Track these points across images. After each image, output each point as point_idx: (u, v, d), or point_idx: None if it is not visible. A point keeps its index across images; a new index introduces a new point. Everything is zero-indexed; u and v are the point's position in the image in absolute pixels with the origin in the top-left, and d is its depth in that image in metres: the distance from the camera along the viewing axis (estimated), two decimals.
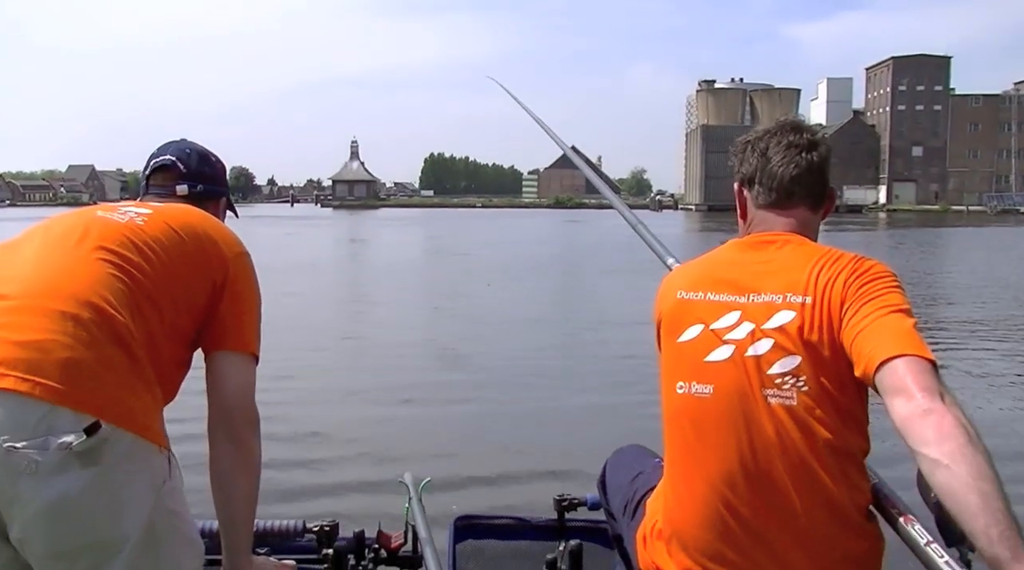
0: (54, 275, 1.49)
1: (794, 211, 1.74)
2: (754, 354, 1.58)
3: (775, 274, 1.64)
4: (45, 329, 1.39)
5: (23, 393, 1.33)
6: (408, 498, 2.35)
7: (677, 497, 1.67)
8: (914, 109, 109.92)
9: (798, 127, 1.79)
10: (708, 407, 1.61)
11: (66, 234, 1.59)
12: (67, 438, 1.33)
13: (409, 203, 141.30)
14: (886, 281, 1.56)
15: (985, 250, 33.65)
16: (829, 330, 1.53)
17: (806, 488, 1.55)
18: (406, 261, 27.30)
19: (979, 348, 11.08)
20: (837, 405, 1.54)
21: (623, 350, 10.05)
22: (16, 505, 1.34)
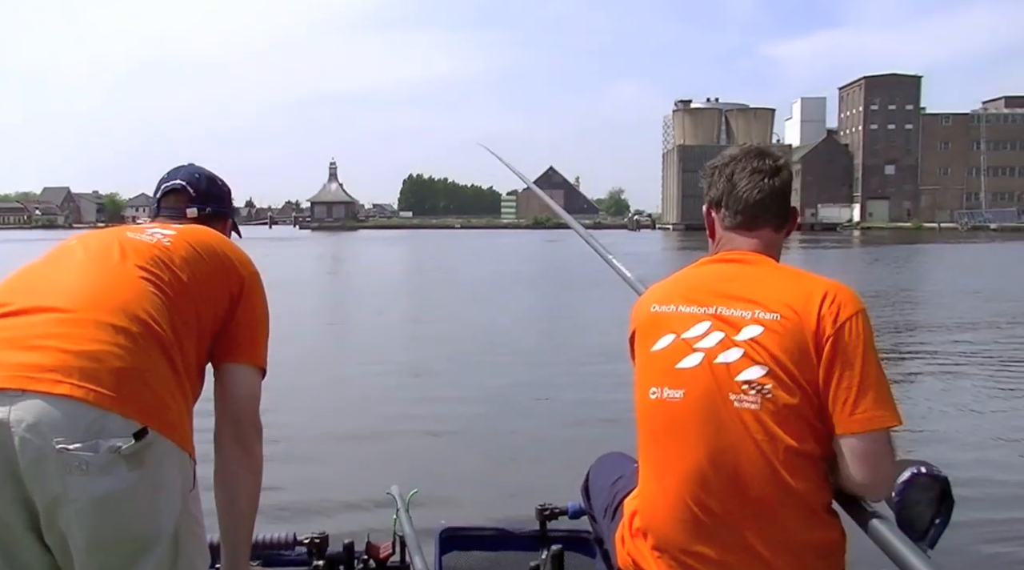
0: (103, 290, 1.60)
1: (759, 232, 1.87)
2: (723, 361, 1.70)
3: (744, 290, 1.76)
4: (98, 340, 1.50)
5: (78, 399, 1.44)
6: (396, 509, 2.43)
7: (651, 495, 1.77)
8: (886, 128, 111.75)
9: (762, 153, 1.91)
10: (679, 410, 1.72)
11: (106, 251, 1.71)
12: (116, 441, 1.43)
13: (388, 224, 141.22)
14: (862, 336, 1.67)
15: (959, 266, 34.17)
16: (799, 350, 1.66)
17: (771, 486, 1.65)
18: (386, 281, 27.35)
19: (966, 359, 11.36)
20: (799, 413, 1.66)
21: (605, 362, 10.15)
22: (63, 502, 1.43)
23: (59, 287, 1.62)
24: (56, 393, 1.43)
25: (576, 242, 2.93)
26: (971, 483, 5.51)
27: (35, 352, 1.48)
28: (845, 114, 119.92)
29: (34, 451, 1.41)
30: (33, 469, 1.42)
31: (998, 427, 7.85)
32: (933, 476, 1.77)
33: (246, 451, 1.76)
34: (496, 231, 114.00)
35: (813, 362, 1.66)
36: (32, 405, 1.42)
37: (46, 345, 1.49)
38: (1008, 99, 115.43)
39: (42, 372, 1.45)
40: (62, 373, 1.45)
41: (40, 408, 1.42)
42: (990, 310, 17.25)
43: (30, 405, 1.42)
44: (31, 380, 1.44)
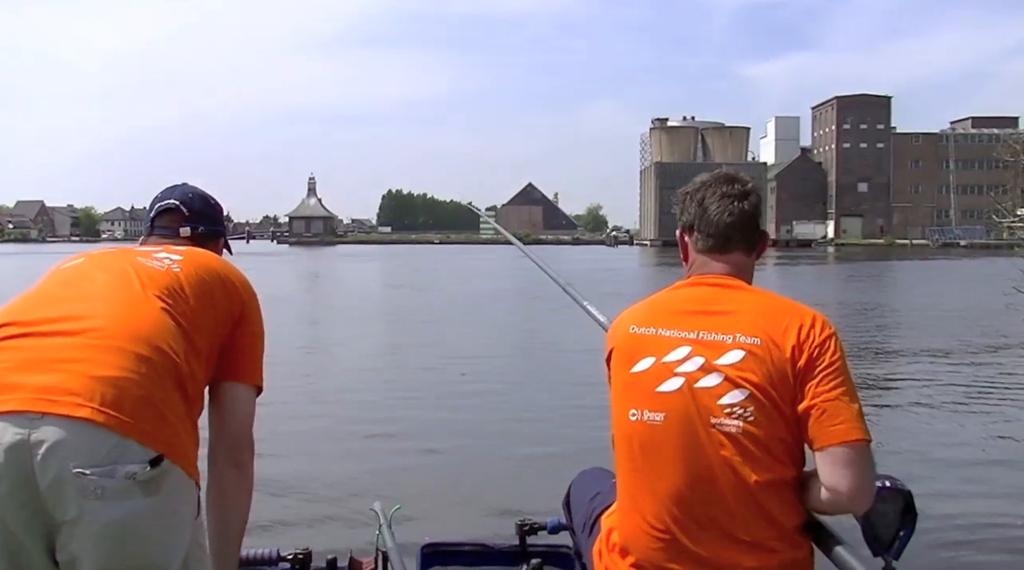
0: (127, 318, 1.62)
1: (731, 255, 1.94)
2: (704, 386, 1.76)
3: (723, 315, 1.83)
4: (121, 367, 1.53)
5: (98, 423, 1.45)
6: (379, 525, 2.47)
7: (628, 513, 1.84)
8: (859, 146, 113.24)
9: (731, 179, 1.98)
10: (658, 432, 1.79)
11: (125, 278, 1.73)
12: (133, 467, 1.45)
13: (367, 239, 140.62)
14: (835, 354, 1.76)
15: (931, 281, 34.66)
16: (778, 374, 1.73)
17: (745, 506, 1.73)
18: (367, 296, 27.28)
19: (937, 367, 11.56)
20: (778, 437, 1.74)
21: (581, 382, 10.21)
22: (78, 525, 1.44)
23: (83, 311, 1.63)
24: (76, 416, 1.45)
25: (553, 257, 3.01)
26: (933, 497, 5.66)
27: (57, 374, 1.50)
28: (818, 133, 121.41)
29: (53, 474, 1.43)
30: (51, 492, 1.43)
31: (963, 443, 8.02)
32: (897, 490, 1.85)
33: (241, 473, 1.79)
34: (475, 246, 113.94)
35: (791, 385, 1.73)
36: (52, 429, 1.44)
37: (68, 369, 1.51)
38: (975, 119, 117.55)
39: (64, 395, 1.47)
40: (84, 397, 1.47)
41: (60, 432, 1.44)
42: (960, 325, 17.55)
43: (50, 429, 1.44)
44: (52, 403, 1.46)
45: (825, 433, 1.70)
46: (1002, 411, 9.53)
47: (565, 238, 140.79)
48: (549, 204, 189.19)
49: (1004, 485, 6.58)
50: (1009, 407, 9.74)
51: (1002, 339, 15.20)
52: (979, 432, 8.47)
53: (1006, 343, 14.87)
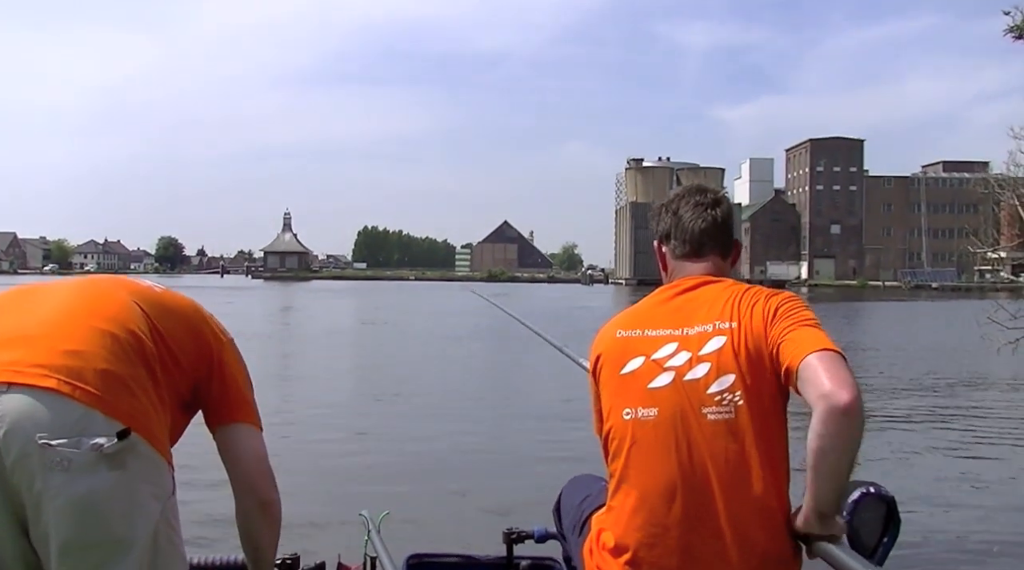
0: (95, 300, 1.65)
1: (707, 260, 2.03)
2: (693, 378, 1.81)
3: (702, 308, 1.90)
4: (87, 341, 1.53)
5: (64, 394, 1.45)
6: (367, 531, 2.47)
7: (621, 510, 1.85)
8: (831, 189, 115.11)
9: (703, 189, 2.10)
10: (653, 427, 1.82)
11: (98, 277, 1.79)
12: (99, 439, 1.44)
13: (342, 275, 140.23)
14: (797, 302, 1.86)
15: (903, 321, 35.21)
16: (756, 346, 1.80)
17: (738, 496, 1.76)
18: (341, 331, 27.19)
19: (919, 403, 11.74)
20: (767, 416, 1.79)
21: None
22: (44, 498, 1.42)
23: (50, 299, 1.66)
24: (42, 386, 1.44)
25: (528, 294, 3.07)
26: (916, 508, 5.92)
27: (22, 349, 1.50)
28: (792, 174, 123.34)
29: (19, 446, 1.42)
30: (17, 464, 1.42)
31: (939, 465, 8.45)
32: (880, 496, 1.88)
33: (264, 509, 1.80)
34: (450, 283, 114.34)
35: (770, 351, 1.78)
36: (18, 399, 1.43)
37: (34, 344, 1.51)
38: (946, 164, 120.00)
39: (29, 367, 1.46)
40: (50, 369, 1.46)
41: (26, 402, 1.43)
42: (935, 361, 17.91)
43: (16, 399, 1.43)
44: (17, 374, 1.45)
45: (799, 352, 1.72)
46: (976, 436, 10.14)
47: (540, 276, 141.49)
48: (524, 242, 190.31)
49: (978, 500, 7.04)
50: (982, 432, 10.36)
51: (976, 373, 15.82)
52: (956, 455, 8.98)
53: (980, 378, 15.50)
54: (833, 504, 1.70)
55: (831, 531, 1.71)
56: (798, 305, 1.85)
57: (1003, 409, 12.53)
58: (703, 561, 1.76)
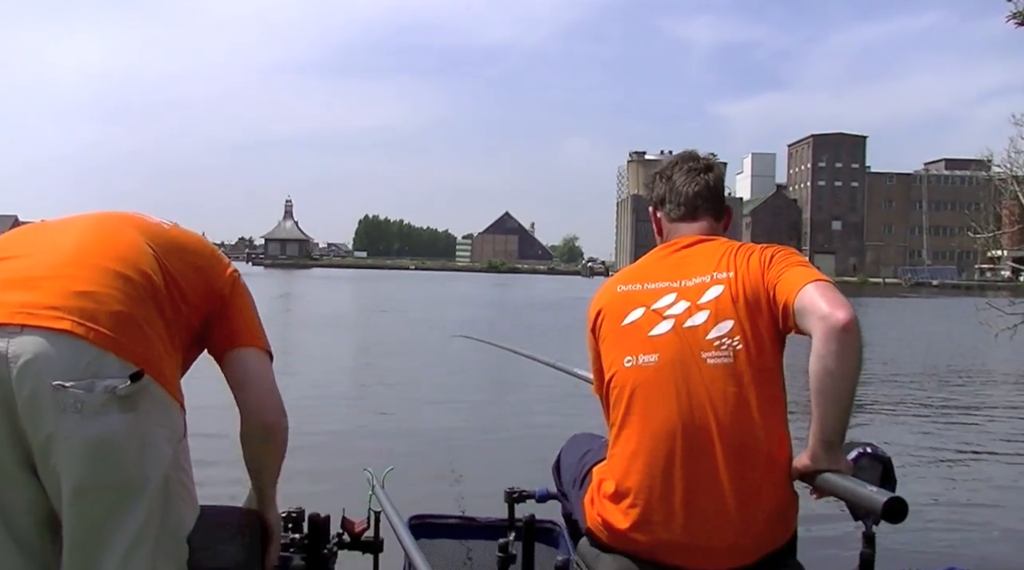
0: (106, 240, 1.63)
1: (700, 221, 2.11)
2: (692, 324, 1.87)
3: (699, 262, 1.97)
4: (99, 283, 1.52)
5: (78, 336, 1.44)
6: (372, 486, 2.50)
7: (622, 455, 1.89)
8: (833, 185, 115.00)
9: (695, 156, 2.18)
10: (653, 373, 1.87)
11: (106, 213, 1.77)
12: (112, 382, 1.44)
13: (342, 264, 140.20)
14: (791, 250, 1.94)
15: (903, 316, 35.32)
16: (753, 292, 1.86)
17: (739, 440, 1.80)
18: (343, 316, 27.26)
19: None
20: (766, 360, 1.84)
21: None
22: (56, 440, 1.42)
23: (60, 238, 1.64)
24: (56, 329, 1.44)
25: (528, 286, 3.13)
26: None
27: (35, 291, 1.49)
28: (794, 170, 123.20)
29: (30, 388, 1.41)
30: (29, 406, 1.42)
31: (939, 447, 8.62)
32: (876, 456, 1.93)
33: (273, 439, 1.78)
34: (450, 273, 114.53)
35: (767, 296, 1.85)
36: (31, 341, 1.43)
37: (47, 286, 1.50)
38: (948, 161, 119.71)
39: (43, 309, 1.46)
40: (64, 311, 1.46)
41: (39, 344, 1.43)
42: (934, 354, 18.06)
43: (29, 340, 1.43)
44: (31, 316, 1.45)
45: (794, 286, 1.80)
46: (974, 421, 10.51)
47: (541, 268, 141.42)
48: (525, 234, 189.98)
49: (976, 478, 7.36)
50: (978, 417, 10.73)
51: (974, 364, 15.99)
52: (954, 438, 9.28)
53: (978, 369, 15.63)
54: (839, 432, 1.75)
55: (837, 465, 1.76)
56: (792, 252, 1.92)
57: (1002, 396, 12.78)
58: (703, 502, 1.80)
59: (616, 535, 1.87)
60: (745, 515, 1.79)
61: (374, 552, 2.40)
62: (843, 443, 1.78)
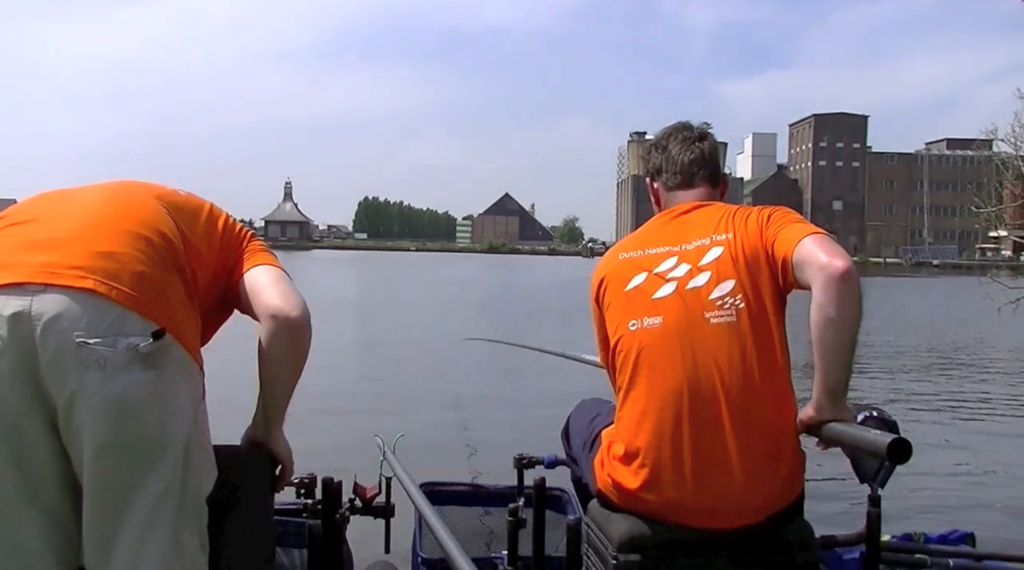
0: (125, 205, 1.65)
1: (697, 189, 2.13)
2: (694, 286, 1.90)
3: (698, 225, 2.00)
4: (121, 244, 1.54)
5: (101, 294, 1.45)
6: (383, 452, 2.53)
7: (630, 418, 1.92)
8: (834, 165, 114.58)
9: (688, 126, 2.20)
10: (658, 335, 1.89)
11: (123, 181, 1.78)
12: (135, 339, 1.45)
13: (343, 245, 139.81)
14: (788, 209, 1.97)
15: (908, 297, 35.43)
16: (752, 251, 1.89)
17: (744, 398, 1.83)
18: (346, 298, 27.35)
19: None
20: (768, 318, 1.86)
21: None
22: (79, 397, 1.42)
23: (80, 202, 1.65)
24: (79, 287, 1.45)
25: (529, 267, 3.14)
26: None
27: (58, 252, 1.50)
28: (795, 150, 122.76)
29: (54, 345, 1.41)
30: (52, 364, 1.42)
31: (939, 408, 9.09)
32: (882, 419, 1.96)
33: (295, 340, 1.70)
34: (451, 255, 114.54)
35: (767, 253, 1.87)
36: (54, 299, 1.43)
37: (69, 247, 1.51)
38: (950, 141, 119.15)
39: (65, 269, 1.46)
40: (86, 270, 1.47)
41: (62, 302, 1.43)
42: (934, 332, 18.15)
43: (52, 299, 1.43)
44: (54, 275, 1.45)
45: (791, 240, 1.83)
46: (977, 393, 10.77)
47: (541, 249, 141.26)
48: (526, 215, 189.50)
49: (980, 448, 7.48)
50: (982, 389, 10.95)
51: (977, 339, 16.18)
52: (957, 408, 9.56)
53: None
54: (842, 381, 1.77)
55: (842, 415, 1.78)
56: (788, 211, 1.95)
57: (1004, 371, 12.91)
58: (711, 461, 1.82)
59: (626, 496, 1.90)
60: (752, 473, 1.82)
61: (386, 517, 2.43)
62: (846, 393, 1.80)
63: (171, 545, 1.50)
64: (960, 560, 2.06)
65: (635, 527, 1.86)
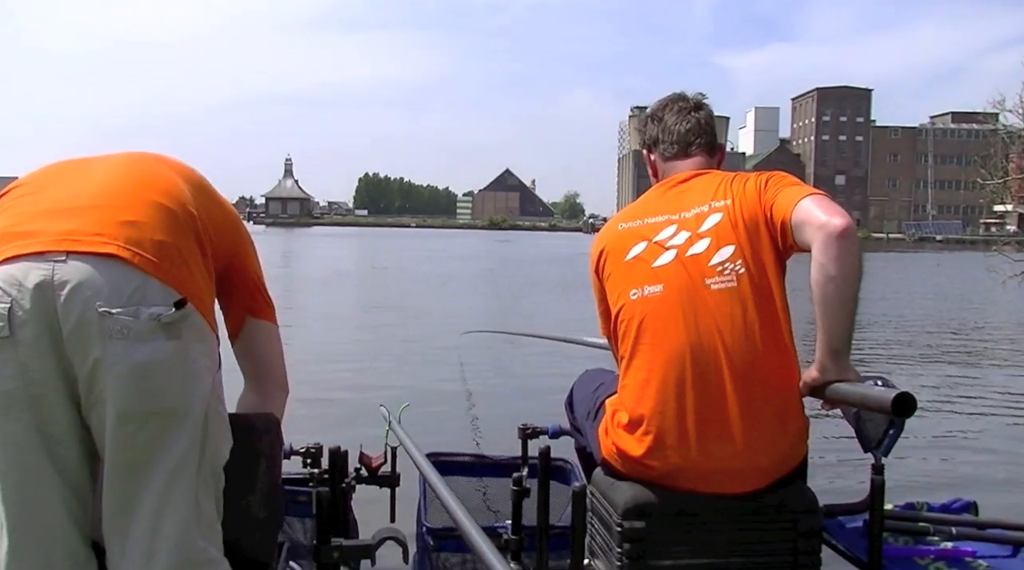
0: (146, 174, 1.64)
1: (694, 158, 2.14)
2: (694, 253, 1.91)
3: (696, 193, 2.01)
4: (142, 213, 1.53)
5: (124, 260, 1.44)
6: (388, 422, 2.54)
7: (635, 385, 1.93)
8: (837, 139, 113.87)
9: (683, 96, 2.21)
10: (659, 302, 1.90)
11: (140, 152, 1.76)
12: (157, 309, 1.44)
13: (343, 222, 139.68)
14: (785, 173, 2.00)
15: (910, 271, 35.45)
16: (751, 216, 1.90)
17: (747, 362, 1.84)
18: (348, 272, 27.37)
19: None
20: (769, 282, 1.88)
21: None
22: (103, 366, 1.42)
23: (100, 171, 1.64)
24: (102, 253, 1.44)
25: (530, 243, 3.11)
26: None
27: (79, 219, 1.49)
28: (798, 124, 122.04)
29: (77, 314, 1.41)
30: (75, 333, 1.41)
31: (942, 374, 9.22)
32: (888, 388, 1.96)
33: (264, 401, 1.83)
34: (451, 231, 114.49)
35: (766, 218, 1.88)
36: (77, 267, 1.43)
37: (90, 214, 1.50)
38: (955, 114, 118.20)
39: (88, 236, 1.46)
40: (109, 236, 1.46)
41: (85, 270, 1.43)
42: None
43: (75, 267, 1.42)
44: (76, 242, 1.44)
45: (789, 203, 1.85)
46: (981, 364, 11.07)
47: (542, 225, 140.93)
48: (526, 190, 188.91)
49: (983, 419, 7.61)
50: (985, 362, 11.18)
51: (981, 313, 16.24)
52: (961, 380, 9.68)
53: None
54: (845, 340, 1.78)
55: (846, 375, 1.79)
56: (786, 175, 1.97)
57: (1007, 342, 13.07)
58: (715, 426, 1.83)
59: (631, 462, 1.91)
60: (756, 438, 1.83)
61: (391, 486, 2.45)
62: (849, 351, 1.81)
63: (190, 511, 1.51)
64: (963, 528, 2.07)
65: (640, 494, 1.87)
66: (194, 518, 1.52)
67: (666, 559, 1.84)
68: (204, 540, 1.53)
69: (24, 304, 1.41)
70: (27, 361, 1.42)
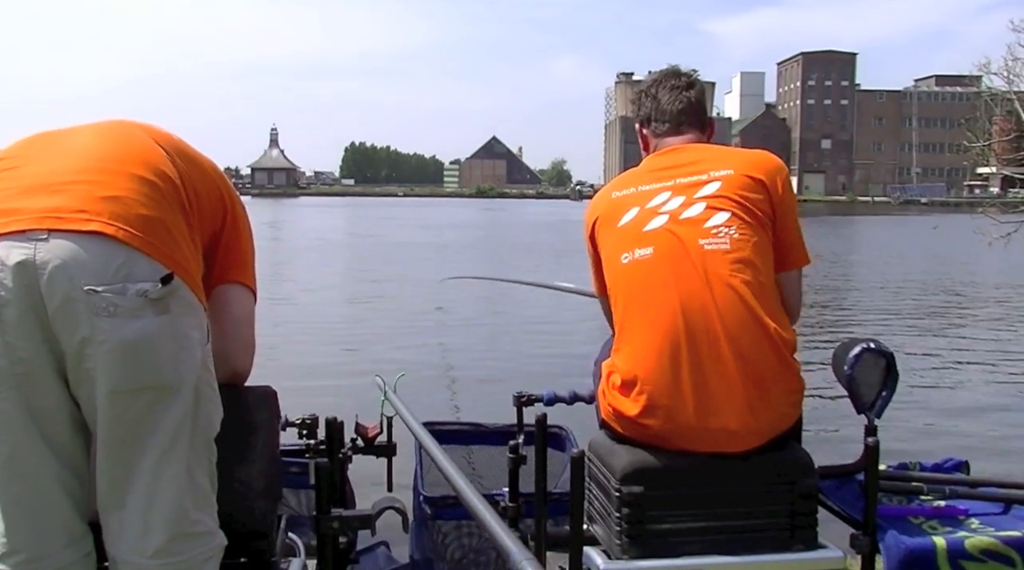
0: (128, 147, 1.59)
1: (686, 135, 2.17)
2: (689, 216, 1.94)
3: (692, 162, 2.04)
4: (125, 188, 1.49)
5: (108, 235, 1.41)
6: (383, 392, 2.54)
7: (629, 346, 1.94)
8: (823, 103, 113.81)
9: (677, 73, 2.25)
10: (650, 265, 1.92)
11: (119, 120, 1.71)
12: (144, 285, 1.42)
13: (330, 192, 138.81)
14: (791, 191, 2.05)
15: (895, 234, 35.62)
16: (753, 194, 1.95)
17: (739, 322, 1.85)
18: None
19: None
20: (760, 248, 1.91)
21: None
22: (91, 343, 1.41)
23: (78, 144, 1.59)
24: (86, 230, 1.41)
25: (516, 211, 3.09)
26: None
27: (61, 195, 1.46)
28: (783, 89, 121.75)
29: (62, 293, 1.39)
30: (61, 312, 1.40)
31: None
32: (880, 351, 1.99)
33: (235, 373, 1.76)
34: (439, 199, 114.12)
35: (769, 202, 1.95)
36: (59, 245, 1.40)
37: (73, 190, 1.46)
38: (939, 78, 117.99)
39: (70, 213, 1.42)
40: (93, 213, 1.43)
41: (68, 249, 1.40)
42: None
43: (57, 245, 1.40)
44: (59, 220, 1.41)
45: (787, 260, 2.01)
46: (970, 326, 11.20)
47: (529, 192, 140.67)
48: (513, 158, 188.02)
49: (973, 381, 7.77)
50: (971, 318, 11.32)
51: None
52: (951, 343, 9.85)
53: None
54: None
55: None
56: (792, 196, 2.04)
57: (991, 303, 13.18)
58: (710, 385, 1.85)
59: (628, 423, 1.92)
60: (750, 397, 1.84)
61: (388, 456, 2.45)
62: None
63: (185, 483, 1.51)
64: (955, 487, 2.10)
65: (638, 458, 1.88)
66: (188, 490, 1.52)
67: (665, 523, 1.85)
68: (199, 511, 1.53)
69: (7, 284, 1.39)
70: (12, 341, 1.40)
